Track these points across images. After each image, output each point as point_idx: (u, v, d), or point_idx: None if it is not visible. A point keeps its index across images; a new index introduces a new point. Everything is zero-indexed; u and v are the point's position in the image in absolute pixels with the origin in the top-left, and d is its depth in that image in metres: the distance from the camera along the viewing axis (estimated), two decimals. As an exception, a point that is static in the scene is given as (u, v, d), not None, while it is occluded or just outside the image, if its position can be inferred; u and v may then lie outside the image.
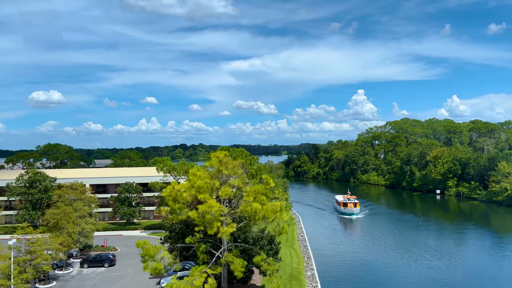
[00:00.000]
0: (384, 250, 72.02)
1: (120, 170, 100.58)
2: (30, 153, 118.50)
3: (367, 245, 75.67)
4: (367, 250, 72.12)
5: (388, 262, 65.06)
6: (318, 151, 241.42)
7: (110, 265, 58.38)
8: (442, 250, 71.44)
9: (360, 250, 72.29)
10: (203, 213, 32.93)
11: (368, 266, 62.93)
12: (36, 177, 80.00)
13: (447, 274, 58.65)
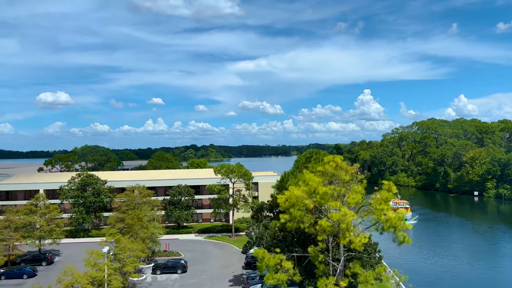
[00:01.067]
0: (456, 257, 68.72)
1: (168, 172, 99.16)
2: (68, 155, 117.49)
3: (435, 252, 72.21)
4: (438, 257, 68.75)
5: (469, 270, 62.10)
6: (341, 152, 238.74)
7: (183, 272, 56.69)
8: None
9: (431, 257, 68.82)
10: (338, 221, 31.00)
11: (450, 274, 60.16)
12: (89, 180, 78.63)
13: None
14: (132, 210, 63.63)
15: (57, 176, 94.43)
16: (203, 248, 69.78)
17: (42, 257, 61.57)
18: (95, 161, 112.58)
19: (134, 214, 55.86)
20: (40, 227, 62.10)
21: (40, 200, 64.98)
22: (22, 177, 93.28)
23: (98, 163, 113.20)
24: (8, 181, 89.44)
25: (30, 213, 63.50)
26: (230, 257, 64.35)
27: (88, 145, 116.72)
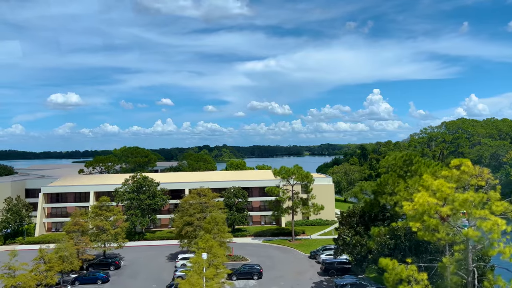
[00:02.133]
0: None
1: (216, 173, 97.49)
2: (108, 156, 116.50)
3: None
4: None
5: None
6: (366, 152, 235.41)
7: (259, 278, 54.79)
8: None
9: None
10: (489, 231, 28.80)
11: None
12: (145, 182, 77.23)
13: None
14: (199, 213, 62.04)
15: (105, 178, 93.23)
16: (266, 253, 67.86)
17: (110, 262, 60.20)
18: (136, 163, 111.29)
19: (212, 217, 54.05)
20: (107, 230, 60.71)
21: (105, 203, 63.53)
22: (69, 179, 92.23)
23: (138, 165, 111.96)
24: (57, 183, 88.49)
25: (96, 216, 62.17)
26: (299, 262, 62.32)
27: (128, 146, 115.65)
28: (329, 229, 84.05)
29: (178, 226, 62.43)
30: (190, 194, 65.54)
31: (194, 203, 62.63)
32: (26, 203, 79.63)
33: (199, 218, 60.97)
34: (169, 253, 68.55)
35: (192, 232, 60.47)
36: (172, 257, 65.99)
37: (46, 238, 76.71)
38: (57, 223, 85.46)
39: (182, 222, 61.74)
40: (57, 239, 76.29)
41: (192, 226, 60.98)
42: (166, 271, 59.14)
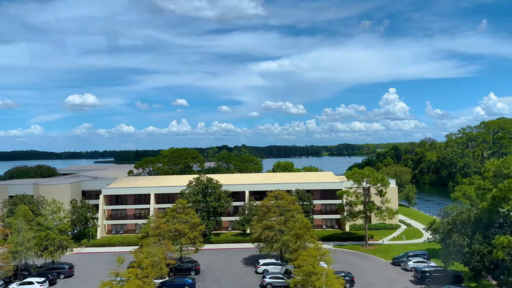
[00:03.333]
0: None
1: (274, 175, 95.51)
2: (157, 157, 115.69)
3: None
4: None
5: None
6: (399, 153, 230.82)
7: (351, 286, 52.38)
8: None
9: None
10: None
11: None
12: (211, 184, 75.64)
13: None
14: (279, 217, 60.04)
15: (162, 180, 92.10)
16: (344, 259, 65.18)
17: (190, 267, 58.58)
18: (185, 164, 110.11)
19: (304, 222, 51.90)
20: (185, 234, 59.21)
21: (181, 206, 62.06)
22: (126, 181, 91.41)
23: (187, 166, 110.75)
24: (116, 184, 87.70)
25: (173, 220, 60.75)
26: (384, 269, 59.61)
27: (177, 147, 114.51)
28: (396, 233, 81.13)
29: (254, 230, 60.56)
30: (267, 197, 63.52)
31: (272, 207, 60.61)
32: (90, 205, 78.94)
33: (279, 222, 59.00)
34: (242, 257, 66.72)
35: (273, 237, 58.55)
36: (248, 261, 64.15)
37: (110, 240, 75.89)
38: (116, 225, 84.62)
39: (261, 226, 59.83)
40: (122, 242, 75.64)
41: (272, 230, 59.05)
42: (248, 276, 57.23)
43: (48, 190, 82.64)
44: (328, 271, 37.91)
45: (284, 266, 58.03)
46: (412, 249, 67.96)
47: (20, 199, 75.24)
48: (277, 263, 58.57)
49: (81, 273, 60.03)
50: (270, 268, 57.81)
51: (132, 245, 74.90)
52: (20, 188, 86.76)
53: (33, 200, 76.11)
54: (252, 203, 77.18)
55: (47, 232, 59.05)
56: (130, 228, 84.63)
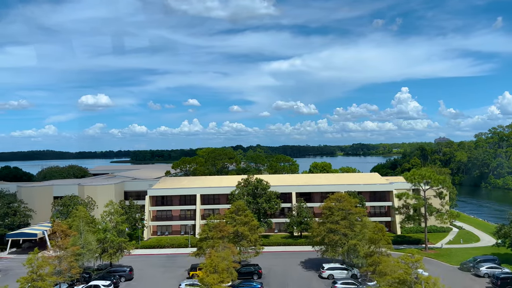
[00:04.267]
0: None
1: (317, 176, 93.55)
2: (194, 158, 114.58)
3: None
4: None
5: None
6: (426, 153, 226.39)
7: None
8: None
9: None
10: None
11: None
12: (261, 185, 74.04)
13: None
14: (343, 221, 58.01)
15: (206, 180, 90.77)
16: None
17: (252, 270, 56.93)
18: (222, 164, 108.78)
19: (378, 227, 49.80)
20: (246, 236, 57.59)
21: (240, 207, 60.44)
22: (169, 182, 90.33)
23: (223, 166, 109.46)
24: (160, 185, 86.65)
25: (233, 222, 59.18)
26: (454, 275, 57.03)
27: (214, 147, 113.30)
28: (451, 236, 78.41)
29: (317, 233, 58.63)
30: (329, 199, 61.55)
31: (334, 209, 58.60)
32: (138, 206, 77.97)
33: (345, 226, 57.00)
34: (298, 260, 64.87)
35: (338, 241, 56.61)
36: (307, 265, 62.28)
37: (159, 242, 74.74)
38: (162, 226, 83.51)
39: (324, 229, 57.87)
40: (172, 244, 74.45)
41: (337, 234, 57.12)
42: (313, 281, 55.34)
43: (93, 191, 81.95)
44: (435, 279, 35.78)
45: (350, 271, 56.02)
46: (475, 253, 65.31)
47: (69, 199, 74.63)
48: (343, 267, 56.58)
49: (139, 276, 58.87)
50: (336, 273, 55.87)
51: (181, 247, 74.07)
52: (64, 189, 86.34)
53: (82, 201, 75.41)
54: (303, 204, 75.35)
55: (106, 234, 58.08)
56: (175, 230, 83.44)
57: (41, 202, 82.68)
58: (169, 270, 61.50)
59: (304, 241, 74.04)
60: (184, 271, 60.78)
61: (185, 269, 61.32)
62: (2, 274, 61.23)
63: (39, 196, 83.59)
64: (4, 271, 62.48)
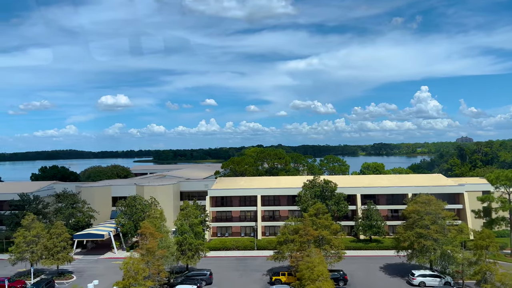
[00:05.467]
0: None
1: (380, 177, 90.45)
2: (243, 157, 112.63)
3: None
4: None
5: None
6: (464, 153, 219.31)
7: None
8: None
9: None
10: None
11: None
12: (329, 187, 71.48)
13: None
14: (433, 225, 54.90)
15: (265, 181, 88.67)
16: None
17: (338, 276, 54.37)
18: (273, 164, 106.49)
19: (484, 232, 46.62)
20: (330, 241, 55.07)
21: (319, 210, 57.95)
22: (227, 182, 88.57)
23: (272, 167, 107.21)
24: (219, 186, 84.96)
25: (314, 225, 56.71)
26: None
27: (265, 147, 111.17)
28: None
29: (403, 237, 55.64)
30: (413, 201, 58.47)
31: (422, 213, 55.49)
32: (201, 207, 76.31)
33: (437, 231, 53.88)
34: (377, 265, 62.02)
35: (429, 246, 53.51)
36: (390, 271, 59.37)
37: (224, 244, 72.97)
38: (221, 227, 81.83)
39: (413, 234, 54.77)
40: (237, 246, 72.60)
41: (428, 239, 54.01)
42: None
43: (153, 191, 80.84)
44: None
45: (443, 279, 52.90)
46: None
47: (134, 200, 73.59)
48: (435, 275, 53.50)
49: (217, 280, 56.99)
50: (428, 280, 52.85)
51: (247, 249, 72.18)
52: (122, 189, 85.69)
53: (146, 202, 74.28)
54: (372, 207, 72.38)
55: (185, 236, 56.51)
56: (235, 231, 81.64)
57: (100, 202, 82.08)
58: (245, 274, 59.52)
59: (375, 245, 71.19)
60: (262, 275, 58.74)
61: (262, 273, 59.30)
62: (76, 275, 60.44)
63: (98, 196, 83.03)
64: (77, 272, 61.71)
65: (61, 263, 57.68)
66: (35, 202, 76.32)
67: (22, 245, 56.94)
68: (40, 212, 74.78)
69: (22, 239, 57.21)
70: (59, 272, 60.04)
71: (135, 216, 72.27)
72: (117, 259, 68.69)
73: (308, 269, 47.09)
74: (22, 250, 56.79)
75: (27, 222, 58.57)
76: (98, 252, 73.49)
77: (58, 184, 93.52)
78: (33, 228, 58.29)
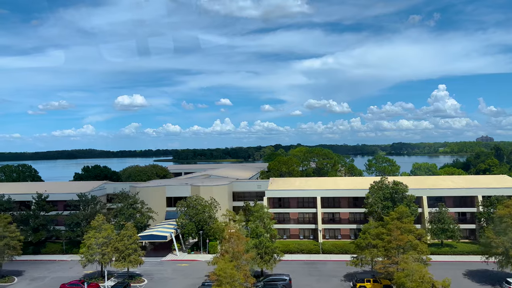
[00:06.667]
0: None
1: (442, 178, 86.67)
2: (289, 158, 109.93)
3: None
4: None
5: None
6: (501, 153, 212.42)
7: None
8: None
9: None
10: None
11: None
12: (400, 188, 68.24)
13: None
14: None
15: (323, 181, 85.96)
16: None
17: (428, 284, 51.24)
18: (321, 164, 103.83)
19: None
20: (416, 246, 51.98)
21: (403, 214, 54.90)
22: (281, 182, 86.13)
23: (319, 167, 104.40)
24: (274, 186, 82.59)
25: (397, 229, 53.71)
26: None
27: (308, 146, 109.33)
28: None
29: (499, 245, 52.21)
30: (504, 204, 54.92)
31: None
32: (262, 208, 73.98)
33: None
34: (459, 272, 58.53)
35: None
36: (477, 278, 55.88)
37: (287, 247, 70.28)
38: (279, 229, 79.20)
39: (508, 240, 51.36)
40: (301, 249, 70.01)
41: (524, 245, 50.49)
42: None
43: (209, 192, 78.94)
44: None
45: (543, 288, 49.34)
46: None
47: (195, 200, 71.79)
48: (535, 283, 49.99)
49: (295, 285, 54.40)
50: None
51: (312, 253, 69.59)
52: (176, 189, 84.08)
53: (206, 202, 72.40)
54: (445, 210, 68.88)
55: (262, 239, 54.25)
56: (293, 233, 79.06)
57: (155, 203, 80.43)
58: (322, 280, 56.86)
59: (448, 250, 67.67)
60: (340, 281, 56.08)
61: (339, 279, 56.63)
62: (147, 278, 58.75)
63: (153, 196, 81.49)
64: (146, 275, 59.98)
65: (133, 266, 56.09)
66: (93, 202, 75.31)
67: (94, 247, 55.64)
68: (98, 212, 73.68)
69: (94, 240, 55.91)
70: (129, 275, 58.51)
71: (197, 217, 70.45)
72: (181, 262, 67.02)
73: (407, 276, 44.49)
74: (95, 252, 55.49)
75: (98, 223, 57.25)
76: (158, 253, 71.88)
77: (108, 184, 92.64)
78: (103, 230, 56.96)
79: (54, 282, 57.90)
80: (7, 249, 58.22)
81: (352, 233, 77.25)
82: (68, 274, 61.33)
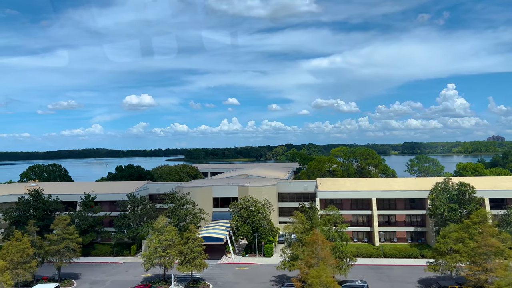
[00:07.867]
0: None
1: (501, 179, 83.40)
2: (329, 157, 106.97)
3: None
4: None
5: None
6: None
7: None
8: None
9: None
10: None
11: None
12: (467, 190, 65.17)
13: None
14: None
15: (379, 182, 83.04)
16: None
17: None
18: (365, 165, 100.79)
19: None
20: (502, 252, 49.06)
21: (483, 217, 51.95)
22: (330, 183, 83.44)
23: (362, 167, 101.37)
24: (325, 187, 79.95)
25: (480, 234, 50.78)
26: None
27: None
28: None
29: None
30: None
31: None
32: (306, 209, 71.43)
33: None
34: None
35: None
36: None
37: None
38: (331, 232, 76.65)
39: None
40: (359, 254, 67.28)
41: None
42: None
43: (258, 192, 76.62)
44: None
45: None
46: None
47: (248, 201, 69.42)
48: None
49: (368, 292, 51.88)
50: None
51: (373, 257, 66.89)
52: (224, 190, 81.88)
53: (259, 203, 70.00)
54: (514, 212, 65.64)
55: (336, 243, 51.69)
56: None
57: (202, 203, 78.18)
58: (396, 286, 54.06)
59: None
60: (416, 287, 53.27)
61: (414, 285, 53.83)
62: (211, 283, 56.40)
63: (200, 197, 79.32)
64: (208, 280, 57.55)
65: (199, 270, 53.81)
66: (143, 202, 73.29)
67: (158, 250, 53.48)
68: (148, 213, 71.74)
69: (158, 243, 53.78)
70: (194, 279, 56.24)
71: (251, 219, 68.09)
72: (239, 265, 64.71)
73: (509, 286, 41.69)
74: (159, 255, 53.34)
75: (161, 225, 55.11)
76: (211, 256, 69.52)
77: (151, 184, 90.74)
78: (166, 232, 54.80)
79: (115, 286, 55.87)
80: (67, 251, 56.34)
81: (408, 236, 74.43)
82: (127, 278, 59.26)
